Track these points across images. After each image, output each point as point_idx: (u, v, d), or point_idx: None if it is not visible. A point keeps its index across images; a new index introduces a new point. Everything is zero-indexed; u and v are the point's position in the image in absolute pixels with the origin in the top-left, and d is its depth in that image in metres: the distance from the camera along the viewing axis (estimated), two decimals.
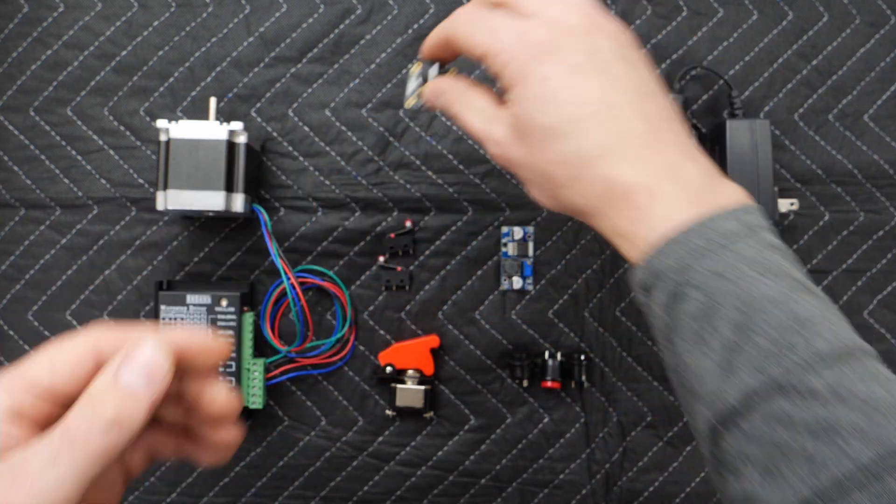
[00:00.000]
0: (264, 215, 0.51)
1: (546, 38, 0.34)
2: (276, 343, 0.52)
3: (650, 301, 0.33)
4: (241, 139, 0.48)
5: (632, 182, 0.33)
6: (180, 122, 0.47)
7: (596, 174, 0.33)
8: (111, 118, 0.54)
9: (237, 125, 0.48)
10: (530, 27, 0.35)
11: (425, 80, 0.41)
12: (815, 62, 0.55)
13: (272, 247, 0.51)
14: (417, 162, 0.54)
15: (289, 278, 0.51)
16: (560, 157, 0.34)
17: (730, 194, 0.33)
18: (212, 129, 0.47)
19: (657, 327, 0.33)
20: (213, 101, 0.50)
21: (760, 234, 0.32)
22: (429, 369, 0.52)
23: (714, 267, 0.31)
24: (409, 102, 0.42)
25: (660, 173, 0.33)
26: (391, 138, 0.54)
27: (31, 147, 0.54)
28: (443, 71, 0.42)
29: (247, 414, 0.52)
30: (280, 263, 0.51)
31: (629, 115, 0.34)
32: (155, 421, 0.29)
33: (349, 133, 0.54)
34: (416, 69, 0.41)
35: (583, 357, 0.52)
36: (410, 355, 0.52)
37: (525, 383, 0.53)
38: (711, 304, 0.31)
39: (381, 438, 0.53)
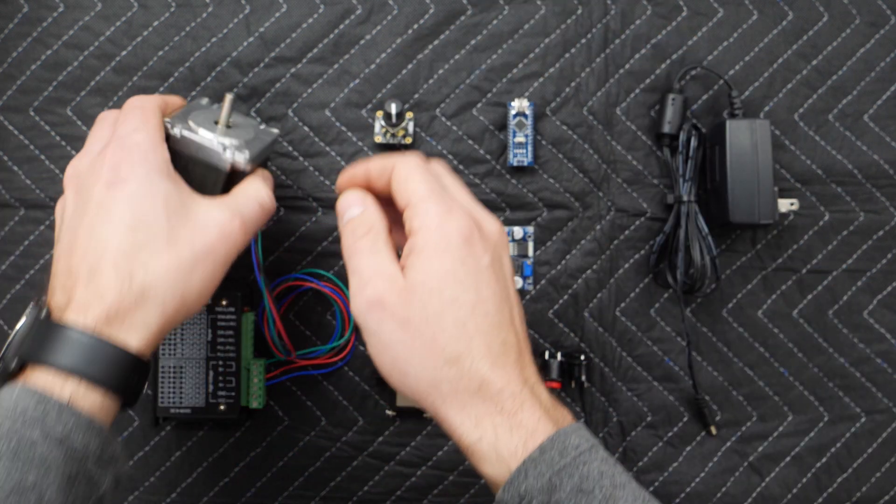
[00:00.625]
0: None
1: (466, 230, 0.37)
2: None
3: None
4: None
5: (503, 388, 0.36)
6: None
7: (474, 368, 0.36)
8: None
9: None
10: (457, 215, 0.37)
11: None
12: (815, 62, 0.55)
13: (256, 256, 0.49)
14: None
15: (266, 299, 0.50)
16: (447, 337, 0.36)
17: (566, 414, 0.37)
18: None
19: None
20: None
21: (599, 451, 0.36)
22: None
23: (577, 485, 0.34)
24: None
25: (525, 386, 0.36)
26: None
27: (31, 147, 0.54)
28: None
29: (247, 414, 0.52)
30: (261, 279, 0.49)
31: (511, 327, 0.37)
32: None
33: (349, 133, 0.54)
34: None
35: (583, 357, 0.52)
36: None
37: None
38: None
39: (381, 438, 0.53)
